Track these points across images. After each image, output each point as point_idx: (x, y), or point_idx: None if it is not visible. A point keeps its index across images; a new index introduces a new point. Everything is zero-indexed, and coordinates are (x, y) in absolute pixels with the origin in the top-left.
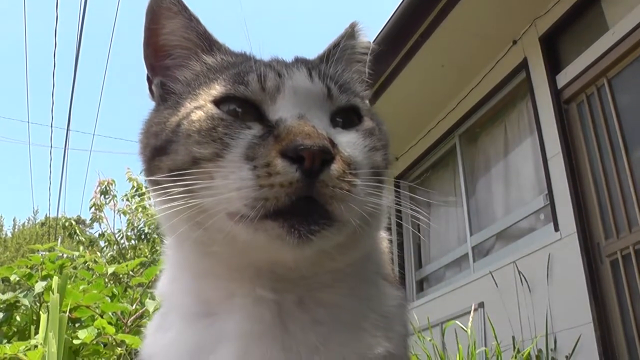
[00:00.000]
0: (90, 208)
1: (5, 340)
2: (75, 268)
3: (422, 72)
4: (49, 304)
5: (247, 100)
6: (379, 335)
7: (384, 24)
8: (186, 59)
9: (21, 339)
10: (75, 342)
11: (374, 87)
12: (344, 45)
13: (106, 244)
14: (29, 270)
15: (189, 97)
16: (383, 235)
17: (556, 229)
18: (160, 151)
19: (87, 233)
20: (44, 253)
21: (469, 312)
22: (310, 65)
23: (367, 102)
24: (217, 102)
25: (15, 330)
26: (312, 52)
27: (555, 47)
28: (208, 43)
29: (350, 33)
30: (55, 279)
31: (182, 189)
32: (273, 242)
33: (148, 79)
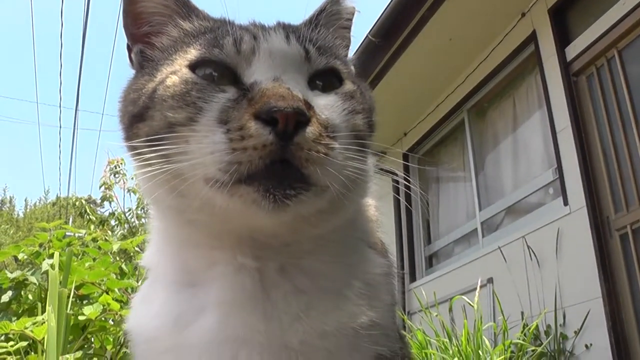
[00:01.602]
0: (100, 187)
1: (15, 318)
2: (86, 246)
3: (430, 46)
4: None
5: (223, 63)
6: (362, 304)
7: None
8: (164, 26)
9: (31, 316)
10: (81, 318)
11: (382, 62)
12: (329, 11)
13: (117, 222)
14: (37, 249)
15: (165, 63)
16: (370, 202)
17: (565, 203)
18: (138, 118)
19: (98, 212)
20: (53, 230)
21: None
22: (290, 29)
23: (351, 67)
24: (193, 66)
25: (26, 308)
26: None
27: (564, 19)
28: (186, 9)
29: None
30: (57, 254)
31: (157, 154)
32: (249, 207)
33: (128, 47)
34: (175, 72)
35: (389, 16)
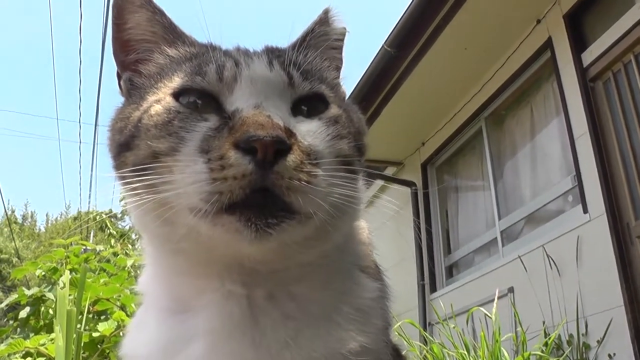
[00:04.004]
0: (121, 201)
1: (32, 334)
2: (107, 260)
3: (445, 56)
4: (71, 297)
5: (205, 91)
6: (352, 329)
7: (404, 10)
8: (151, 53)
9: (49, 331)
10: (95, 334)
11: (398, 72)
12: (317, 32)
13: (137, 236)
14: (54, 265)
15: (151, 91)
16: (363, 225)
17: (585, 210)
18: (125, 147)
19: (119, 226)
20: (74, 245)
21: (499, 298)
22: (275, 53)
23: (341, 89)
24: (176, 94)
25: (44, 323)
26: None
27: (580, 24)
28: (173, 35)
29: (324, 19)
30: (67, 273)
31: (143, 183)
32: (232, 236)
33: (118, 75)
34: (159, 101)
35: (404, 26)
